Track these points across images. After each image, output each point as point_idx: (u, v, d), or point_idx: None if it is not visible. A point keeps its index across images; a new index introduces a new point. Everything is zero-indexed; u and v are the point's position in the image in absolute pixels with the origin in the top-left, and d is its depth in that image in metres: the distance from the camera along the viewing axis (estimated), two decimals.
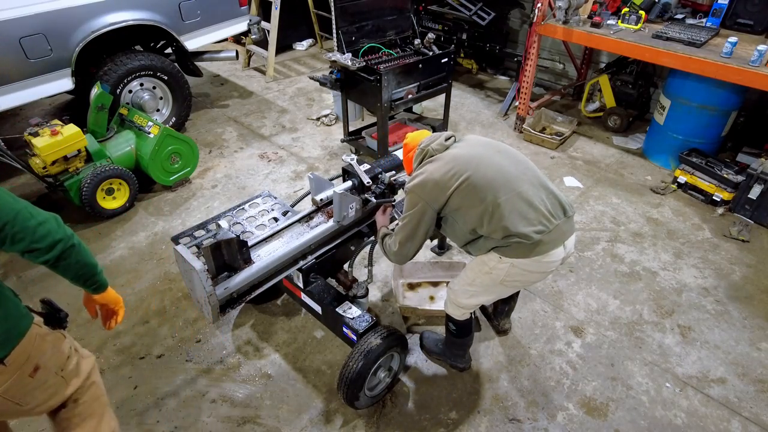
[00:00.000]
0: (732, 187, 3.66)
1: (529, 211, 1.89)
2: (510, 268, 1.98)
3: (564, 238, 1.98)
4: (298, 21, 6.66)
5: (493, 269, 2.02)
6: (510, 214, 1.87)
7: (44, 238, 1.40)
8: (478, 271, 2.11)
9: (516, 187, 1.90)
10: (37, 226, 1.39)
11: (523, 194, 1.90)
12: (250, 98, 5.53)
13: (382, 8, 4.07)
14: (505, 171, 1.94)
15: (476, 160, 1.96)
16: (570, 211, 2.02)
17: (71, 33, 3.66)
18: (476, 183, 1.89)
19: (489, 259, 2.02)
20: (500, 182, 1.90)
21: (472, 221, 1.94)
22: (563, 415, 2.39)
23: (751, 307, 2.96)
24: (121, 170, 3.55)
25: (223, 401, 2.44)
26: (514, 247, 1.91)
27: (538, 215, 1.91)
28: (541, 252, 1.92)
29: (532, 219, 1.89)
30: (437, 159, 2.02)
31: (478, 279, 2.13)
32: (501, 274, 2.02)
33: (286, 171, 4.23)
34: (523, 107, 4.69)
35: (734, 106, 3.87)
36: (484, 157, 1.97)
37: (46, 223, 1.42)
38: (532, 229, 1.88)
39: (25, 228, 1.37)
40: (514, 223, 1.87)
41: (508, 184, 1.90)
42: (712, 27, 3.98)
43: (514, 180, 1.92)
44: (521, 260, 1.94)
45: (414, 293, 3.03)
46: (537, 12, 4.14)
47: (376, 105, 3.80)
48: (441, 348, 2.59)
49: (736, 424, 2.35)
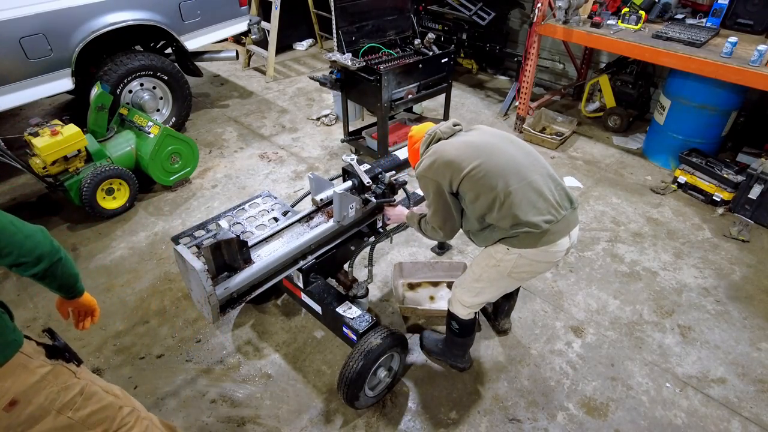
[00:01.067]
0: (732, 187, 3.66)
1: (538, 201, 1.92)
2: (518, 259, 2.00)
3: (570, 229, 2.01)
4: (298, 21, 6.66)
5: (501, 261, 2.03)
6: (521, 202, 1.89)
7: (31, 252, 1.38)
8: (484, 266, 2.11)
9: (527, 177, 1.93)
10: (24, 240, 1.37)
11: (534, 184, 1.93)
12: (250, 98, 5.53)
13: (382, 8, 4.07)
14: (517, 161, 1.96)
15: (489, 147, 1.97)
16: (575, 203, 2.05)
17: (71, 33, 3.66)
18: (489, 170, 1.90)
19: (496, 251, 2.03)
20: (512, 171, 1.92)
21: (481, 208, 1.94)
22: (563, 415, 2.39)
23: (751, 307, 2.96)
24: (121, 170, 3.55)
25: (223, 401, 2.44)
26: (522, 237, 1.92)
27: (547, 205, 1.93)
28: (548, 242, 1.94)
29: (541, 208, 1.92)
30: (447, 142, 2.03)
31: (485, 273, 2.13)
32: (508, 266, 2.03)
33: (286, 171, 4.23)
34: (523, 107, 4.69)
35: (734, 106, 3.87)
36: (497, 145, 1.99)
37: (33, 236, 1.39)
38: (541, 219, 1.90)
39: (11, 242, 1.35)
40: (524, 212, 1.89)
41: (519, 174, 1.93)
42: (712, 27, 3.97)
43: (525, 170, 1.95)
44: (529, 250, 1.96)
45: (414, 293, 3.03)
46: (537, 12, 4.14)
47: (376, 105, 3.80)
48: (441, 348, 2.59)
49: (736, 424, 2.35)
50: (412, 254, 3.35)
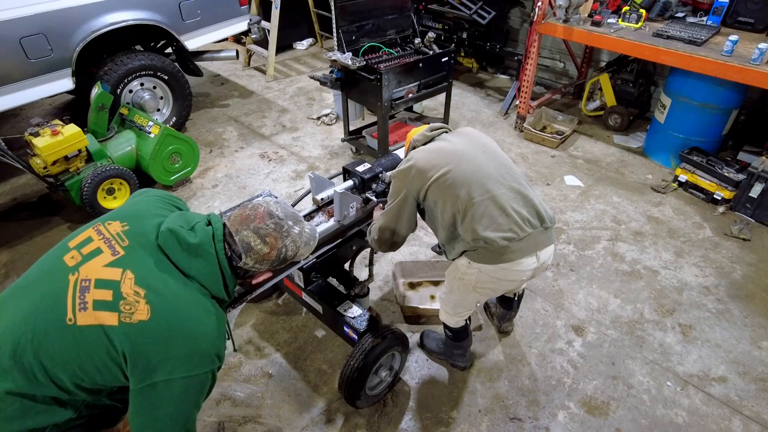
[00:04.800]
0: (733, 185, 3.66)
1: (500, 216, 1.85)
2: (479, 274, 1.95)
3: (537, 249, 1.92)
4: (299, 20, 6.65)
5: (464, 275, 2.01)
6: (481, 216, 1.84)
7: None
8: (452, 278, 2.12)
9: (491, 190, 1.87)
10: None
11: (498, 198, 1.86)
12: (250, 98, 5.53)
13: (383, 7, 4.06)
14: (485, 171, 1.90)
15: (458, 155, 1.94)
16: (549, 222, 1.96)
17: (71, 33, 3.66)
18: (454, 178, 1.87)
19: (460, 264, 2.01)
20: (477, 182, 1.87)
21: (448, 217, 1.92)
22: (564, 414, 2.39)
23: (752, 306, 2.96)
24: (122, 170, 3.55)
25: (224, 400, 2.44)
26: (481, 252, 1.88)
27: (509, 222, 1.85)
28: (508, 260, 1.87)
29: (501, 224, 1.85)
30: (421, 149, 2.03)
31: (454, 285, 2.13)
32: (472, 280, 1.99)
33: (286, 170, 4.23)
34: (523, 106, 4.68)
35: (735, 105, 3.87)
36: (467, 153, 1.95)
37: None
38: (499, 235, 1.83)
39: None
40: (483, 226, 1.84)
41: (484, 185, 1.87)
42: (712, 25, 3.97)
43: (491, 182, 1.88)
44: (488, 266, 1.90)
45: (415, 292, 3.03)
46: (537, 11, 4.14)
47: (376, 104, 3.80)
48: (442, 347, 2.59)
49: (737, 422, 2.35)
50: (412, 253, 3.35)
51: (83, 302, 1.29)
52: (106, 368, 1.30)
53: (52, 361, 1.28)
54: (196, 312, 1.36)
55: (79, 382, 1.31)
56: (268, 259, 1.47)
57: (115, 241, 1.40)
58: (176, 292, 1.35)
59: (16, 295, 1.39)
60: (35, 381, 1.28)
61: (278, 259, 1.48)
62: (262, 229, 1.44)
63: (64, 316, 1.28)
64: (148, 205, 1.55)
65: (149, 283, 1.32)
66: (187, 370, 1.31)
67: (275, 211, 1.48)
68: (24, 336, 1.28)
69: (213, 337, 1.37)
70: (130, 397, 1.31)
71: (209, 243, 1.41)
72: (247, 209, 1.49)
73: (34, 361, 1.27)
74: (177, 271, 1.38)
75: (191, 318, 1.35)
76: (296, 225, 1.51)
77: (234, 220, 1.47)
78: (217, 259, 1.42)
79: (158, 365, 1.28)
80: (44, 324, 1.29)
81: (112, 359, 1.29)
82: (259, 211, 1.47)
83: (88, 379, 1.31)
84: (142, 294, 1.30)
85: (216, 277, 1.43)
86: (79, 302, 1.29)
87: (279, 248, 1.46)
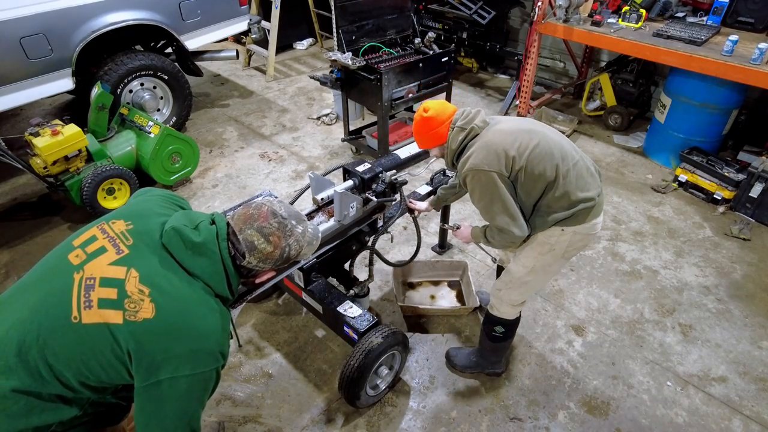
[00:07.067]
0: (733, 185, 3.66)
1: (588, 176, 1.99)
2: (572, 237, 2.02)
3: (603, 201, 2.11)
4: (299, 20, 6.65)
5: (556, 244, 2.04)
6: (576, 179, 1.94)
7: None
8: (537, 254, 2.09)
9: (575, 154, 1.99)
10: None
11: (583, 160, 2.00)
12: (250, 98, 5.53)
13: (383, 7, 4.06)
14: (559, 139, 2.01)
15: (531, 129, 1.98)
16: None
17: (71, 33, 3.66)
18: (548, 148, 1.92)
19: (550, 236, 2.02)
20: (563, 149, 1.96)
21: (537, 190, 1.94)
22: (564, 413, 2.39)
23: (752, 306, 2.96)
24: (122, 170, 3.55)
25: (224, 400, 2.44)
26: (577, 214, 1.95)
27: (594, 180, 2.01)
28: (597, 213, 2.01)
29: (590, 183, 1.99)
30: (492, 131, 1.99)
31: (538, 262, 2.10)
32: (563, 246, 2.05)
33: (286, 170, 4.23)
34: (523, 106, 4.68)
35: (735, 105, 3.87)
36: (541, 130, 2.01)
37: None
38: (595, 192, 1.98)
39: None
40: (580, 188, 1.94)
41: (570, 151, 1.98)
42: (712, 25, 3.97)
43: (569, 147, 2.00)
44: (581, 226, 2.00)
45: (415, 292, 3.04)
46: (537, 11, 4.14)
47: (376, 104, 3.80)
48: (475, 360, 2.53)
49: (737, 422, 2.35)
50: (412, 253, 3.34)
51: (88, 300, 1.29)
52: (111, 366, 1.30)
53: (57, 359, 1.28)
54: (201, 310, 1.36)
55: (84, 380, 1.31)
56: (271, 258, 1.47)
57: (120, 239, 1.40)
58: (181, 291, 1.35)
59: (21, 294, 1.39)
60: (40, 379, 1.28)
61: (281, 258, 1.48)
62: (266, 228, 1.44)
63: (69, 315, 1.28)
64: (152, 204, 1.55)
65: (154, 282, 1.32)
66: (192, 368, 1.31)
67: (279, 211, 1.49)
68: (29, 334, 1.28)
69: (217, 335, 1.37)
70: (135, 395, 1.31)
71: (213, 242, 1.41)
72: (250, 208, 1.49)
73: (39, 359, 1.27)
74: (181, 270, 1.38)
75: (196, 316, 1.35)
76: (299, 224, 1.52)
77: (238, 219, 1.47)
78: (221, 258, 1.42)
79: (163, 363, 1.28)
80: (49, 322, 1.29)
81: (116, 357, 1.29)
82: (263, 210, 1.47)
83: (93, 377, 1.31)
84: (147, 292, 1.30)
85: (220, 276, 1.43)
86: (84, 300, 1.29)
87: (282, 247, 1.46)
